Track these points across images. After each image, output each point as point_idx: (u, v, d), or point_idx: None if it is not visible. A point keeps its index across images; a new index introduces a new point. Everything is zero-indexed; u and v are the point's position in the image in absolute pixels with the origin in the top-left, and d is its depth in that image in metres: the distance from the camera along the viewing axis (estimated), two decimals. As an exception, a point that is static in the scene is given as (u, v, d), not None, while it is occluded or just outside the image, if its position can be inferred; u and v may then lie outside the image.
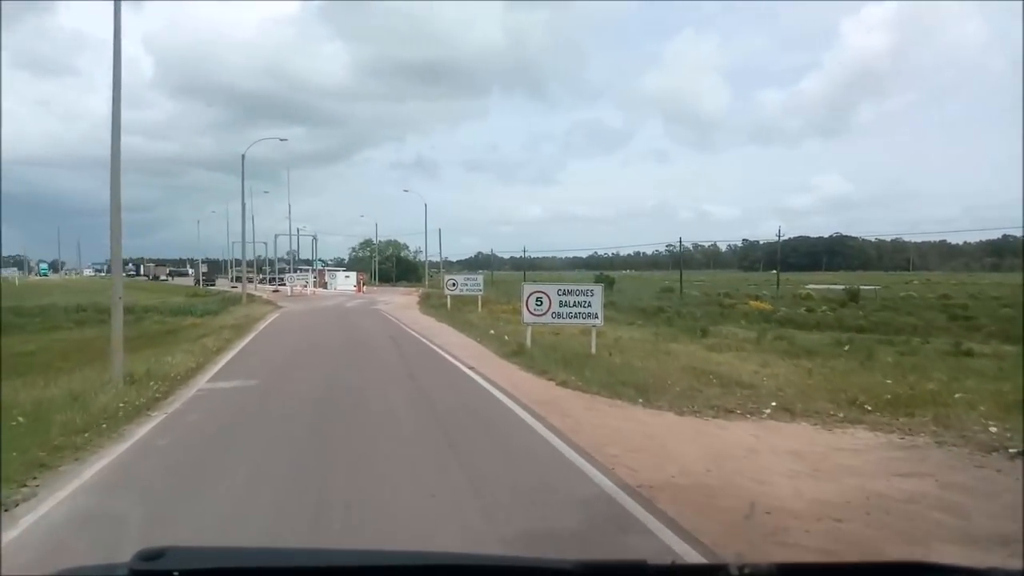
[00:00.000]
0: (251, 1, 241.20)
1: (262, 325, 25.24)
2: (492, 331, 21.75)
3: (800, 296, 53.71)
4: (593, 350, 15.95)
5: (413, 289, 60.86)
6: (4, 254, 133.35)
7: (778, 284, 62.65)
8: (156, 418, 9.47)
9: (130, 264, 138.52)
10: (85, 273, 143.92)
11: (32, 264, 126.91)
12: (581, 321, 16.09)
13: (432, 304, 36.60)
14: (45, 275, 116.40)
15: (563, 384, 12.05)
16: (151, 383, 11.69)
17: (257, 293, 57.43)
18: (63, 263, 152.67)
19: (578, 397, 11.09)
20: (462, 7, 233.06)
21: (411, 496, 5.89)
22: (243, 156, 36.89)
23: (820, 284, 64.83)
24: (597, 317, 16.03)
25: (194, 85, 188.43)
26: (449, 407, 9.87)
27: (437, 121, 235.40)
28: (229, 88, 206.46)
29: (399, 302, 41.89)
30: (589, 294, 16.00)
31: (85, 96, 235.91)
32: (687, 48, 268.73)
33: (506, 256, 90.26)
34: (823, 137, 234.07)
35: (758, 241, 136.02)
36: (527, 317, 15.99)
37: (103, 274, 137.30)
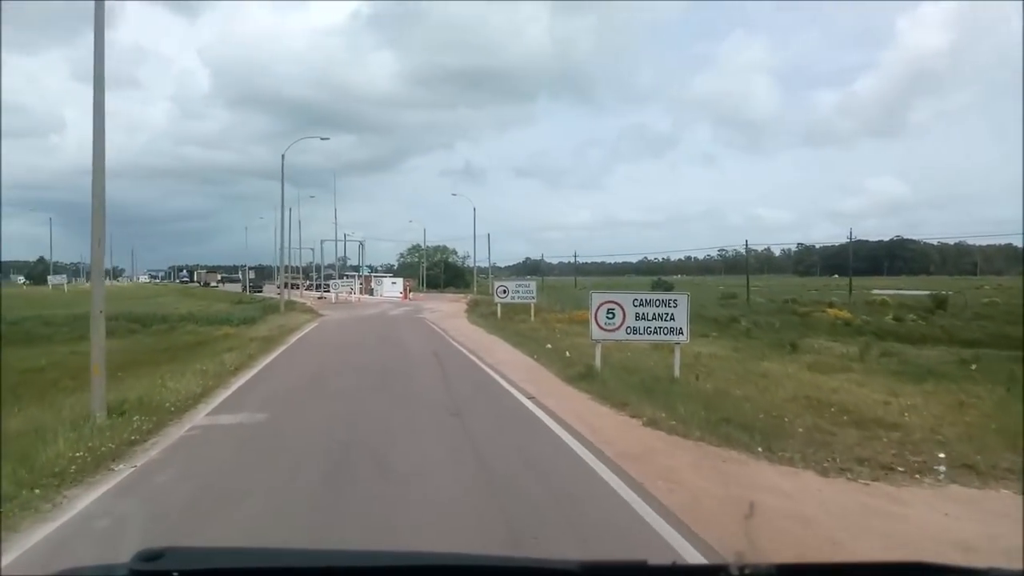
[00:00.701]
0: (302, 12, 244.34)
1: (295, 338, 23.04)
2: (549, 345, 19.09)
3: (875, 303, 49.97)
4: (676, 372, 13.14)
5: (461, 296, 58.49)
6: (67, 261, 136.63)
7: (850, 290, 58.53)
8: (114, 477, 7.06)
9: (184, 271, 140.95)
10: (140, 279, 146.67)
11: (84, 271, 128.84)
12: (662, 338, 13.28)
13: (481, 312, 34.08)
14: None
15: (652, 423, 9.28)
16: (136, 417, 9.36)
17: (301, 300, 55.89)
18: (122, 270, 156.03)
19: (677, 445, 8.32)
20: (509, 15, 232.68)
21: None
22: (283, 156, 35.14)
23: (885, 289, 60.62)
24: (682, 333, 13.21)
25: (248, 96, 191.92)
26: (508, 468, 7.18)
27: (485, 128, 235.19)
28: (282, 98, 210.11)
29: (446, 310, 39.51)
30: (672, 305, 13.19)
31: (145, 108, 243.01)
32: (737, 50, 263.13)
33: (554, 262, 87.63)
34: (878, 138, 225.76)
35: (814, 245, 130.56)
36: (596, 333, 13.25)
37: (158, 281, 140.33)
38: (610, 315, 13.14)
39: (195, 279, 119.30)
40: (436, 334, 23.73)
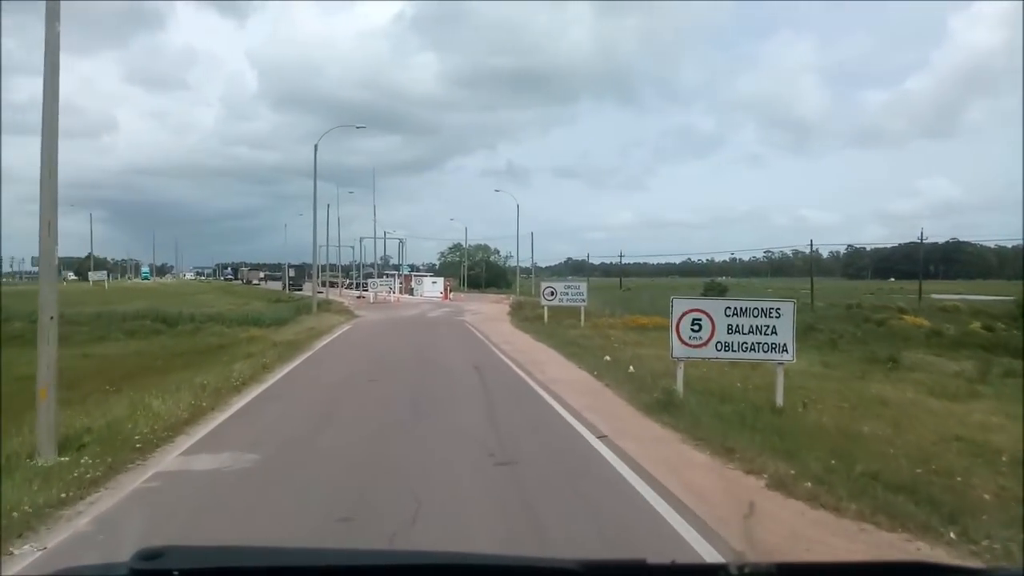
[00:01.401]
0: (347, 15, 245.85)
1: (321, 343, 20.82)
2: (607, 357, 16.49)
3: (947, 309, 46.43)
4: (779, 400, 10.44)
5: (503, 296, 56.03)
6: (117, 258, 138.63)
7: (920, 295, 54.49)
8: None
9: (228, 268, 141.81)
10: (186, 276, 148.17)
11: (132, 268, 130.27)
12: (762, 356, 10.58)
13: (525, 316, 31.56)
14: (146, 279, 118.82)
15: (779, 485, 6.63)
16: (86, 459, 7.09)
17: (340, 299, 54.12)
18: (171, 267, 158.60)
19: (831, 528, 5.67)
20: (553, 16, 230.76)
21: None
22: (315, 147, 33.04)
23: (945, 294, 56.40)
24: (786, 351, 10.48)
25: (295, 96, 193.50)
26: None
27: (527, 128, 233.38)
28: (328, 99, 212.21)
29: (488, 312, 37.09)
30: (773, 314, 10.47)
31: (195, 109, 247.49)
32: (784, 49, 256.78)
33: (596, 262, 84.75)
34: (929, 139, 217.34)
35: (864, 247, 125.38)
36: (678, 349, 10.61)
37: (203, 278, 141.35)
38: (695, 326, 10.48)
39: (239, 277, 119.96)
40: (478, 341, 21.28)
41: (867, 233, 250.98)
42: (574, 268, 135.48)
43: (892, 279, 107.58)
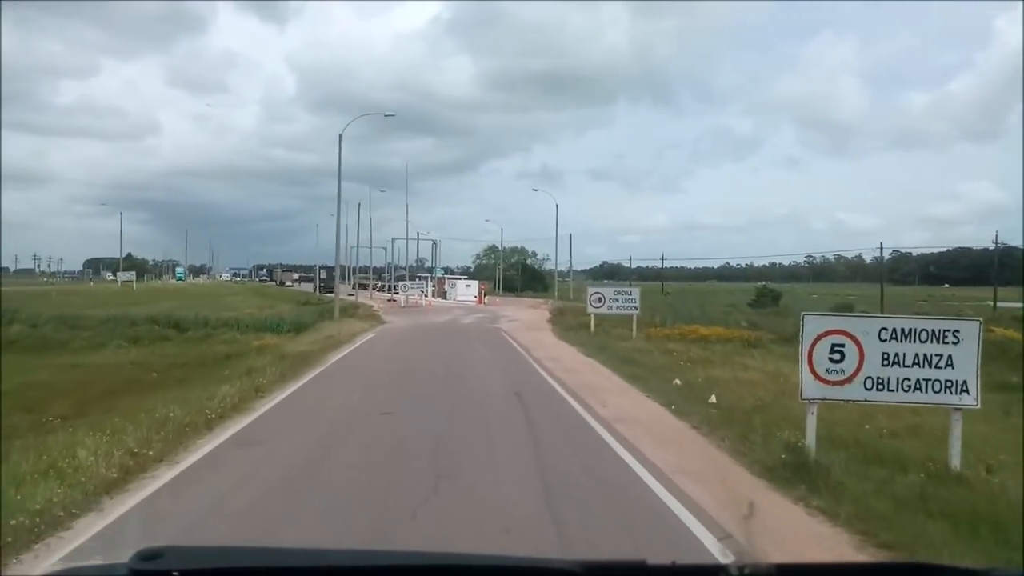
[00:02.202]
0: (384, 18, 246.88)
1: (337, 356, 18.04)
2: (677, 381, 13.42)
3: (1017, 318, 42.48)
4: (955, 462, 7.28)
5: (540, 301, 52.94)
6: (157, 259, 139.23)
7: (995, 303, 50.11)
8: None
9: (264, 269, 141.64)
10: (223, 277, 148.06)
11: (169, 268, 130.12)
12: (932, 398, 7.41)
13: (567, 324, 28.49)
14: (180, 279, 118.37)
15: None
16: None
17: (370, 302, 51.61)
18: (210, 267, 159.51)
19: None
20: (589, 18, 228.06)
21: None
22: (340, 136, 30.26)
23: (1007, 302, 51.86)
24: (967, 391, 7.31)
25: (332, 99, 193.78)
26: None
27: (562, 130, 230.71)
28: (364, 101, 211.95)
29: (525, 318, 34.07)
30: (949, 340, 7.29)
31: (235, 112, 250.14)
32: (824, 50, 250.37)
33: (632, 265, 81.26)
34: (973, 141, 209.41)
35: (910, 252, 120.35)
36: (811, 387, 7.47)
37: (238, 279, 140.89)
38: (836, 355, 7.35)
39: (273, 278, 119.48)
40: (518, 356, 18.27)
41: (907, 238, 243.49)
42: (609, 271, 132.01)
43: (946, 285, 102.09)
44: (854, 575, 1.87)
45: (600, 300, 23.69)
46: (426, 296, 58.81)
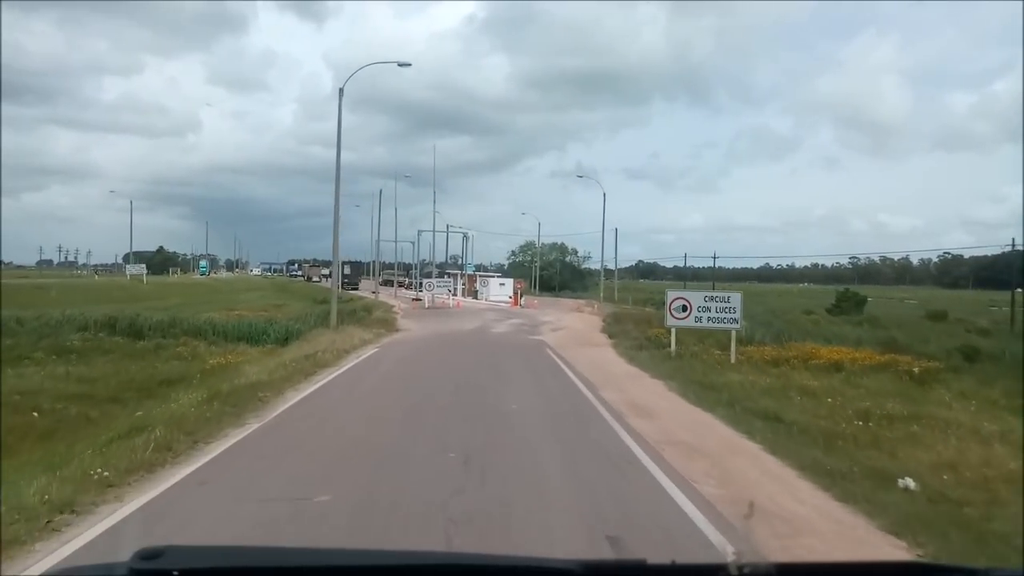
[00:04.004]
0: (421, 16, 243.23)
1: (312, 387, 11.92)
2: (909, 483, 6.95)
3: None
4: None
5: (582, 302, 46.32)
6: (193, 253, 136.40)
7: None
8: None
9: (295, 265, 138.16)
10: (253, 272, 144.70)
11: (199, 263, 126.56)
12: None
13: (630, 336, 22.06)
14: (204, 274, 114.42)
15: None
16: None
17: (391, 301, 45.67)
18: (246, 262, 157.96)
19: None
20: (626, 17, 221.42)
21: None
22: (340, 90, 24.06)
23: None
24: None
25: (368, 98, 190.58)
26: None
27: (598, 130, 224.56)
28: (399, 100, 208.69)
29: (572, 326, 27.66)
30: None
31: (273, 109, 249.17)
32: (866, 49, 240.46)
33: (669, 265, 74.53)
34: (1016, 143, 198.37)
35: (962, 255, 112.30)
36: None
37: (269, 274, 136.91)
38: None
39: (304, 273, 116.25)
40: (581, 401, 11.78)
41: (949, 240, 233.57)
42: (645, 271, 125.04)
43: (1021, 289, 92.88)
44: (854, 575, 1.73)
45: (685, 309, 17.10)
46: (455, 295, 52.72)
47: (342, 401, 11.01)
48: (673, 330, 17.59)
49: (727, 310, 16.98)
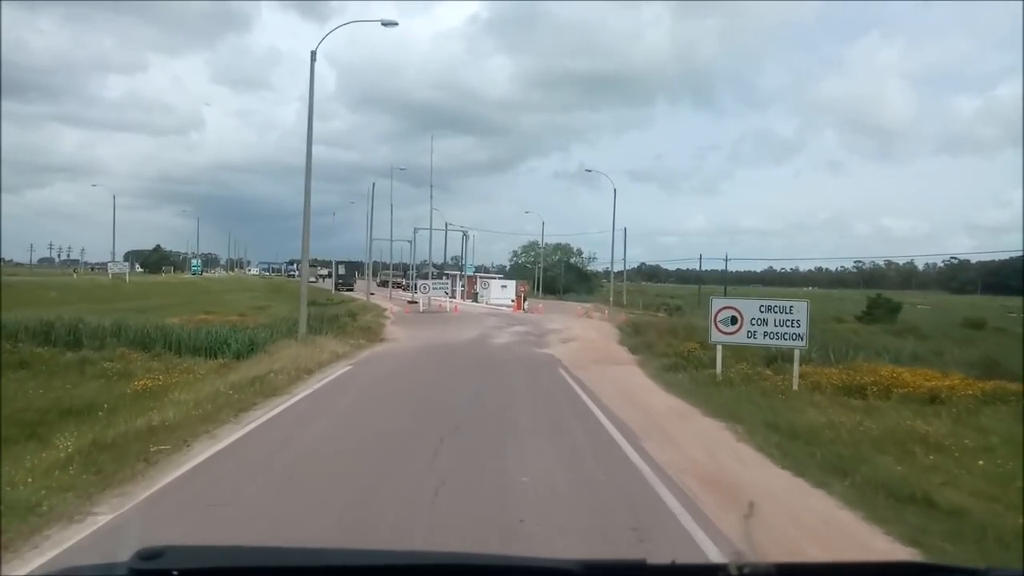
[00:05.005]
0: (424, 16, 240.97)
1: (234, 435, 8.43)
2: None
3: None
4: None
5: (591, 307, 42.84)
6: (189, 252, 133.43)
7: None
8: None
9: (294, 264, 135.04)
10: (251, 272, 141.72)
11: (194, 261, 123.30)
12: None
13: (658, 351, 18.63)
14: (196, 273, 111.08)
15: None
16: None
17: (384, 304, 42.27)
18: (247, 261, 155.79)
19: None
20: (630, 18, 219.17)
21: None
22: (312, 53, 20.73)
23: None
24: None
25: (371, 97, 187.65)
26: None
27: (601, 131, 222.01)
28: (403, 100, 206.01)
29: (584, 335, 24.21)
30: None
31: (278, 108, 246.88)
32: (871, 52, 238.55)
33: (672, 268, 71.16)
34: (1020, 148, 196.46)
35: (968, 260, 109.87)
36: None
37: (267, 274, 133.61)
38: None
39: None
40: (613, 450, 8.35)
41: (953, 244, 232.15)
42: (648, 273, 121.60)
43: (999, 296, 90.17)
44: (854, 575, 1.71)
45: (735, 322, 13.60)
46: (455, 298, 49.31)
47: (260, 472, 7.25)
48: (719, 347, 14.11)
49: (789, 323, 13.49)
